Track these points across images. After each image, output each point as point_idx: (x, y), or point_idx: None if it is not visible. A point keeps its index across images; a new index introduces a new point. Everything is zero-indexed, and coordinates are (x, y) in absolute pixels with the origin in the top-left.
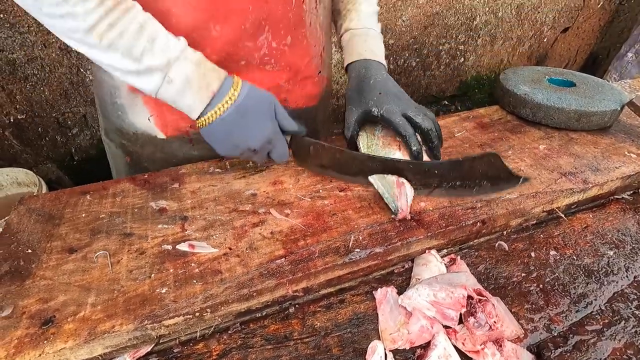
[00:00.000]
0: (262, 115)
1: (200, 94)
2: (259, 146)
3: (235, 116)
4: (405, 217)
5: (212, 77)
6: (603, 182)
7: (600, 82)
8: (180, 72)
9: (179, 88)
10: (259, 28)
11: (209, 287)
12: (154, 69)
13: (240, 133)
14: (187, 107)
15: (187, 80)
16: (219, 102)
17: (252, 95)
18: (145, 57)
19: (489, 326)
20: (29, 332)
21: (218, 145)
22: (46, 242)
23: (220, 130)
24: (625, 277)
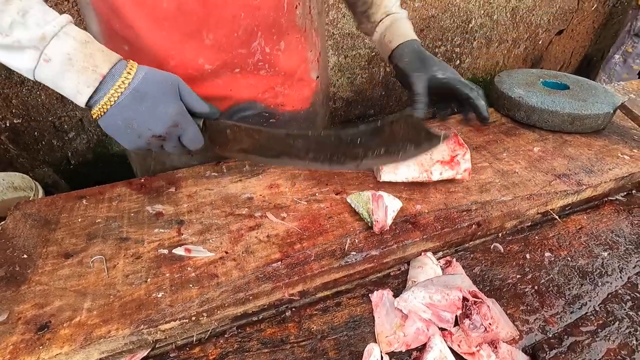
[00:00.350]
0: (163, 96)
1: (85, 75)
2: (164, 131)
3: (133, 101)
4: (383, 228)
5: (101, 59)
6: (597, 184)
7: (594, 85)
8: (59, 50)
9: (59, 68)
10: (252, 34)
11: (205, 291)
12: (26, 45)
13: (141, 119)
14: (71, 91)
15: (68, 59)
16: (111, 87)
17: (149, 78)
18: (14, 29)
19: (484, 328)
20: (24, 337)
21: (120, 137)
22: (42, 247)
23: (118, 118)
24: (619, 278)
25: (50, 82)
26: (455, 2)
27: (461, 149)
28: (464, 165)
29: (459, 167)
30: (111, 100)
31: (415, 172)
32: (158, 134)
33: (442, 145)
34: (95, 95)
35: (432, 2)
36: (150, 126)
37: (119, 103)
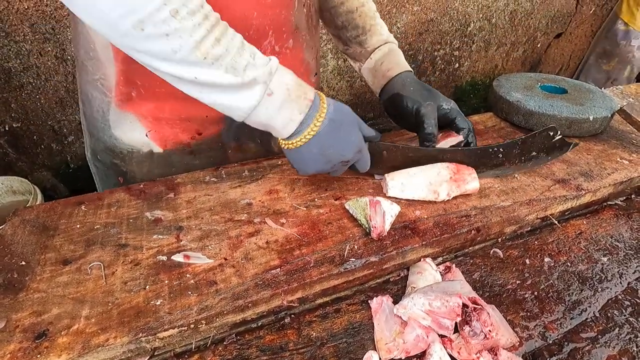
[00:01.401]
0: (352, 125)
1: (299, 103)
2: (352, 157)
3: (330, 129)
4: (381, 234)
5: (306, 86)
6: (596, 189)
7: (592, 89)
8: (280, 82)
9: (279, 99)
10: (263, 33)
11: (204, 298)
12: (257, 81)
13: (336, 147)
14: (285, 120)
15: (286, 89)
16: (314, 117)
17: (338, 108)
18: (248, 70)
19: (484, 335)
20: (22, 346)
21: (308, 164)
22: (40, 253)
23: (316, 146)
24: (619, 283)
25: (266, 117)
26: (454, 5)
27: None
28: (472, 184)
29: (466, 185)
30: (314, 130)
31: (422, 192)
32: (347, 159)
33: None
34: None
35: (431, 6)
36: (344, 152)
37: (319, 132)
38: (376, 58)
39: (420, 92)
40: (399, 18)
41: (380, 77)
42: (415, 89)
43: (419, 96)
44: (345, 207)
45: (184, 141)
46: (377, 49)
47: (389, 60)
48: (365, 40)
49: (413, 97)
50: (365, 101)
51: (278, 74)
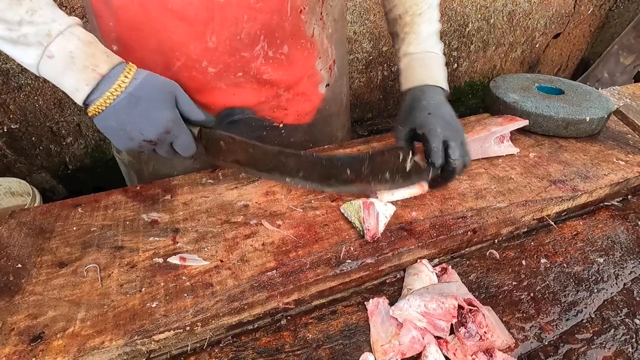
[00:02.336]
0: (157, 103)
1: (85, 73)
2: (155, 136)
3: (127, 105)
4: (374, 236)
5: (102, 59)
6: (592, 190)
7: (589, 90)
8: (62, 47)
9: (61, 64)
10: (255, 38)
11: (200, 300)
12: (32, 40)
13: (134, 123)
14: (70, 88)
15: (70, 57)
16: (108, 89)
17: (146, 83)
18: (22, 25)
19: (480, 336)
20: (17, 349)
21: (113, 137)
22: (36, 256)
23: (112, 119)
24: (614, 284)
25: (52, 78)
26: (452, 6)
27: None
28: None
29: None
30: (107, 102)
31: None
32: (149, 139)
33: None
34: (92, 94)
35: None
36: (143, 131)
37: (113, 105)
38: (401, 69)
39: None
40: None
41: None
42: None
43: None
44: (340, 211)
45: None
46: (399, 60)
47: (403, 76)
48: (398, 50)
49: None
50: (364, 101)
51: (62, 37)
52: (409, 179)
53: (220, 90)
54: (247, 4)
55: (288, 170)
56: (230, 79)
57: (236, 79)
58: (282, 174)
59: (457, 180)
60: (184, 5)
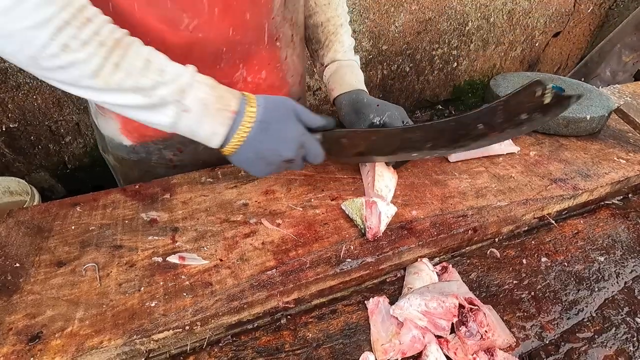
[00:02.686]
0: (285, 122)
1: (220, 116)
2: (294, 154)
3: (260, 133)
4: (375, 235)
5: (229, 97)
6: (593, 188)
7: (589, 88)
8: (195, 97)
9: (197, 115)
10: (234, 66)
11: (199, 299)
12: (168, 100)
13: (271, 148)
14: (207, 134)
15: (203, 105)
16: (240, 124)
17: (269, 106)
18: (157, 89)
19: (481, 335)
20: (15, 349)
21: (253, 168)
22: (35, 255)
23: (250, 151)
24: (615, 283)
25: (189, 131)
26: (452, 5)
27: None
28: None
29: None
30: (242, 136)
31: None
32: (288, 158)
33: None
34: (227, 134)
35: (429, 5)
36: (281, 152)
37: (248, 138)
38: (327, 76)
39: (349, 116)
40: (397, 17)
41: (330, 97)
42: (345, 112)
43: (347, 120)
44: (342, 208)
45: (167, 157)
46: (326, 66)
47: (333, 80)
48: (323, 56)
49: (343, 123)
50: None
51: (192, 89)
52: (548, 113)
53: None
54: (226, 37)
55: (413, 145)
56: None
57: None
58: (407, 151)
59: (457, 179)
60: (162, 40)
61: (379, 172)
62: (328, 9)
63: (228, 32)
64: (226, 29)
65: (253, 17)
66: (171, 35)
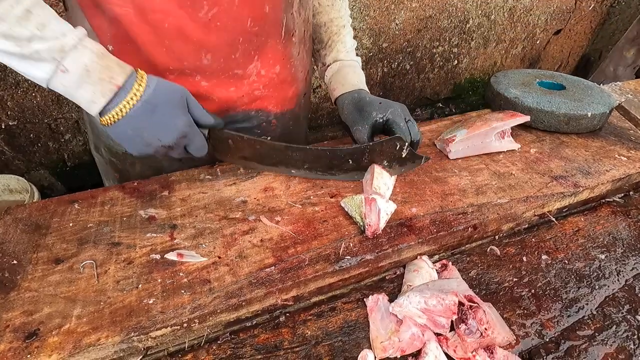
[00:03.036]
0: (172, 109)
1: (101, 86)
2: (173, 142)
3: (143, 113)
4: (375, 232)
5: (117, 71)
6: (594, 186)
7: (590, 85)
8: (77, 61)
9: (76, 78)
10: (249, 57)
11: (197, 297)
12: (44, 56)
13: (151, 130)
14: (85, 101)
15: (85, 70)
16: (124, 99)
17: (160, 90)
18: (32, 42)
19: (480, 333)
20: (12, 346)
21: (128, 144)
22: (32, 252)
23: (128, 128)
24: (616, 281)
25: (64, 91)
26: (453, 2)
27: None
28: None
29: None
30: (122, 111)
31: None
32: (167, 144)
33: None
34: (107, 104)
35: (430, 3)
36: (160, 137)
37: (130, 114)
38: (328, 76)
39: (351, 115)
40: (397, 15)
41: (331, 96)
42: (348, 112)
43: (350, 121)
44: (341, 205)
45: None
46: (329, 66)
47: (335, 80)
48: (325, 55)
49: (346, 121)
50: None
51: (77, 52)
52: (404, 165)
53: (212, 100)
54: (243, 28)
55: (293, 163)
56: (222, 93)
57: (228, 93)
58: (287, 166)
59: (457, 176)
60: (180, 26)
61: (378, 170)
62: (331, 10)
63: (246, 22)
64: (244, 19)
65: (272, 10)
66: (189, 20)
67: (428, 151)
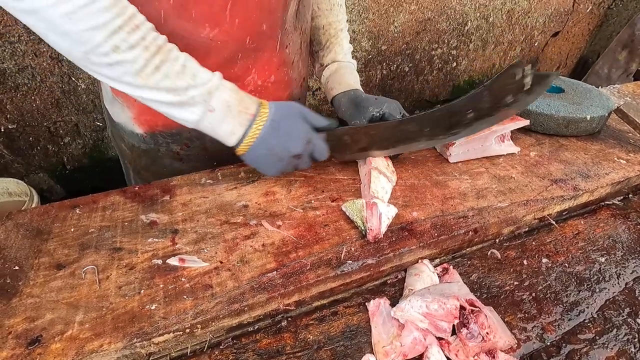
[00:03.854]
0: (294, 120)
1: (240, 117)
2: (301, 149)
3: (271, 131)
4: (376, 236)
5: (249, 101)
6: (593, 189)
7: (589, 88)
8: (220, 100)
9: (220, 115)
10: (247, 70)
11: (200, 302)
12: (197, 99)
13: (280, 144)
14: (226, 134)
15: (227, 106)
16: (254, 124)
17: (280, 108)
18: (189, 90)
19: (482, 337)
20: (15, 352)
21: (264, 165)
22: (34, 258)
23: (261, 148)
24: (616, 284)
25: (210, 128)
26: (451, 5)
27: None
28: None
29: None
30: (255, 134)
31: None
32: (296, 153)
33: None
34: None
35: (428, 5)
36: (290, 147)
37: (261, 136)
38: (326, 76)
39: (349, 111)
40: (396, 17)
41: (328, 95)
42: (346, 108)
43: (348, 116)
44: (342, 209)
45: (174, 150)
46: (326, 66)
47: (332, 80)
48: (323, 56)
49: (343, 117)
50: None
51: (219, 92)
52: (532, 92)
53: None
54: (243, 45)
55: (412, 136)
56: None
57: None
58: (407, 142)
59: (457, 180)
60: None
61: (375, 174)
62: (330, 14)
63: (245, 40)
64: (244, 38)
65: (269, 27)
66: (192, 41)
67: (428, 154)
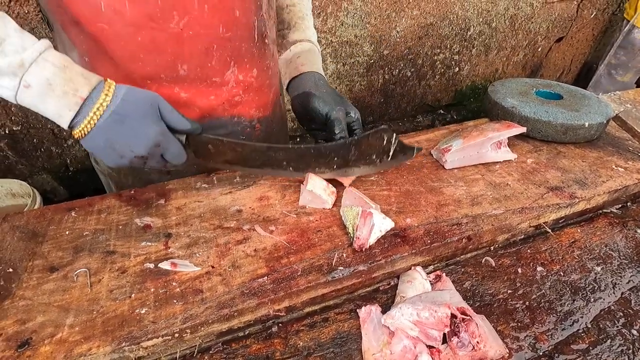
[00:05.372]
0: (143, 118)
1: (66, 99)
2: (146, 152)
3: (113, 123)
4: (362, 245)
5: (81, 82)
6: (590, 197)
7: (588, 95)
8: (39, 75)
9: (39, 93)
10: (225, 64)
11: (190, 307)
12: (5, 71)
13: (122, 141)
14: (53, 115)
15: (48, 84)
16: (90, 110)
17: (129, 99)
18: None
19: (472, 346)
20: (4, 355)
21: (103, 156)
22: (28, 260)
23: (100, 140)
24: (612, 293)
25: (32, 106)
26: (454, 10)
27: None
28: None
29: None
30: (91, 123)
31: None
32: (140, 154)
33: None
34: (76, 117)
35: (431, 10)
36: (133, 148)
37: (99, 125)
38: (295, 51)
39: (332, 96)
40: (398, 22)
41: (293, 69)
42: (327, 92)
43: (331, 99)
44: (340, 212)
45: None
46: (298, 42)
47: (305, 57)
48: (287, 34)
49: (325, 99)
50: (365, 105)
51: (36, 66)
52: (395, 158)
53: (193, 109)
54: (216, 35)
55: (278, 163)
56: (203, 101)
57: (208, 101)
58: (273, 167)
59: (453, 186)
60: (153, 38)
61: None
62: None
63: (218, 29)
64: (216, 26)
65: (242, 14)
66: (161, 32)
67: (424, 160)
